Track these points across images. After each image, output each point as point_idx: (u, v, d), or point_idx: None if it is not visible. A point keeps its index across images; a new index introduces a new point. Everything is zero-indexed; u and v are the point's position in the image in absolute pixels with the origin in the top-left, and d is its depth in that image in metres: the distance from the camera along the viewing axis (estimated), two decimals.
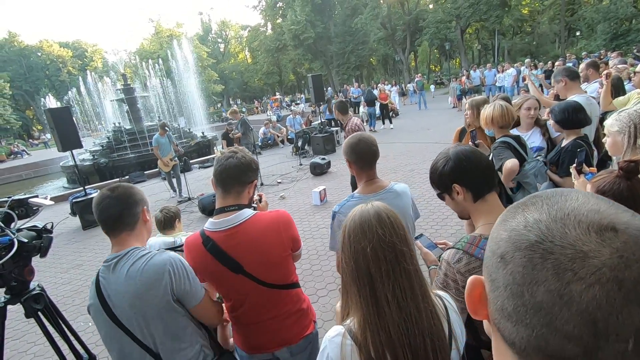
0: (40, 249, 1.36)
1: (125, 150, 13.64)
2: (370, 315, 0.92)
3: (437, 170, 1.34)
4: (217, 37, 55.41)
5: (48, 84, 43.16)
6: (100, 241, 6.16)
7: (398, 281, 0.93)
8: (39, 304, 1.36)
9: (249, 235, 1.49)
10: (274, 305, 1.59)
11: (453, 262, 1.18)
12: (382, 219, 0.98)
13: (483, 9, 28.63)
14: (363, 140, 1.80)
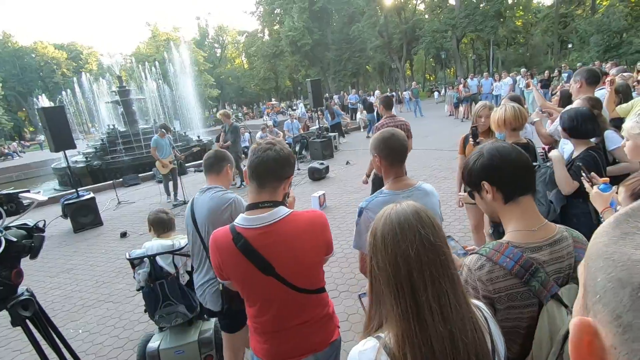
0: (30, 249, 1.23)
1: (119, 152, 13.40)
2: (411, 328, 0.80)
3: (468, 166, 1.25)
4: (214, 42, 55.41)
5: (42, 86, 42.65)
6: (92, 245, 5.97)
7: (443, 288, 0.82)
8: (28, 311, 1.22)
9: (284, 235, 1.37)
10: (302, 311, 1.48)
11: (475, 269, 1.08)
12: (422, 218, 0.87)
13: (478, 19, 29.05)
14: (396, 135, 1.71)
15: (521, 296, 1.03)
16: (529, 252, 1.06)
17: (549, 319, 1.01)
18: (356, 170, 8.64)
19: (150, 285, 2.59)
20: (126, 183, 10.54)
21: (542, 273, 1.03)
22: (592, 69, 3.34)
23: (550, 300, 1.02)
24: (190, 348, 2.68)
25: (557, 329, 1.00)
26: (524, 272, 1.02)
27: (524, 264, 1.03)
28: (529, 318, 1.05)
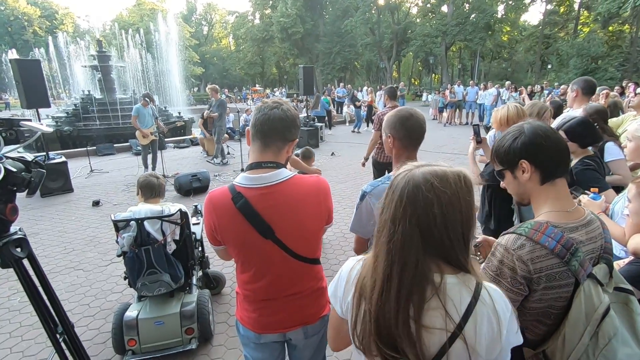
0: (29, 184, 1.10)
1: (93, 120, 12.70)
2: (374, 260, 0.84)
3: (504, 144, 1.22)
4: (202, 18, 53.62)
5: (9, 42, 39.70)
6: (60, 211, 5.63)
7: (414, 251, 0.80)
8: (22, 252, 1.09)
9: (287, 198, 1.30)
10: (298, 280, 1.42)
11: (514, 248, 1.05)
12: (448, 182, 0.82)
13: (469, 29, 29.70)
14: (415, 116, 1.59)
15: (560, 276, 1.02)
16: (568, 232, 1.06)
17: (586, 298, 1.01)
18: (341, 162, 8.64)
19: (135, 251, 2.44)
20: (100, 152, 10.03)
21: (581, 253, 1.03)
22: (588, 79, 3.43)
23: (587, 279, 1.02)
24: (170, 320, 2.57)
25: (593, 308, 1.00)
26: (565, 252, 1.01)
27: (565, 243, 1.02)
28: (564, 298, 1.04)
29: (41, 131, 1.19)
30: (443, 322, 0.77)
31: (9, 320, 3.05)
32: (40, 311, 1.22)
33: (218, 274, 3.39)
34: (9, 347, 2.75)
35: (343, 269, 0.96)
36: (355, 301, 0.87)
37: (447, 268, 0.81)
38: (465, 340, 0.77)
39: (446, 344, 0.77)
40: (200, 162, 9.04)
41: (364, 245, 1.75)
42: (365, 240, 1.72)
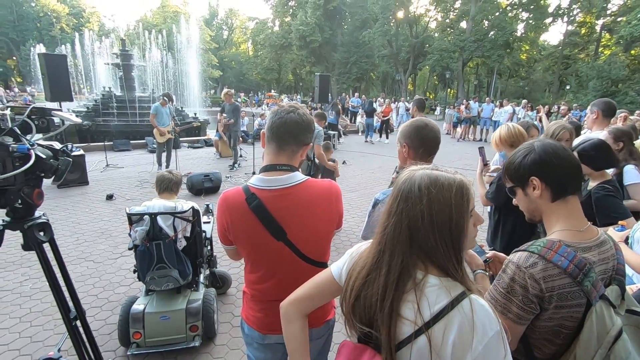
0: (56, 170, 1.14)
1: (112, 116, 13.02)
2: (373, 249, 0.92)
3: (514, 161, 1.22)
4: (223, 23, 54.71)
5: (37, 37, 41.08)
6: (76, 202, 5.75)
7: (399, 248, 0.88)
8: (46, 235, 1.14)
9: (300, 201, 1.32)
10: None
11: (526, 266, 1.04)
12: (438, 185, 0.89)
13: (487, 46, 29.60)
14: (430, 125, 1.63)
15: (571, 296, 1.01)
16: (581, 252, 1.05)
17: (598, 320, 1.00)
18: (352, 171, 8.65)
19: (147, 244, 2.49)
20: (116, 147, 10.24)
21: (594, 273, 1.02)
22: (609, 101, 3.39)
23: (599, 300, 1.01)
24: (176, 315, 2.60)
25: (605, 330, 0.99)
26: (578, 272, 1.00)
27: (578, 263, 1.01)
28: (575, 318, 1.03)
29: (71, 121, 1.25)
30: (413, 316, 0.81)
31: (19, 306, 3.12)
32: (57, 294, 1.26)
33: (225, 273, 3.41)
34: (18, 332, 2.81)
35: (354, 247, 1.05)
36: (349, 275, 0.96)
37: (433, 269, 0.84)
38: (430, 339, 0.79)
39: (412, 335, 0.81)
40: (213, 162, 9.16)
41: None
42: None
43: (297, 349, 1.07)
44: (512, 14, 32.40)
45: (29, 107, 1.14)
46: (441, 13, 36.52)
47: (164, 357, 2.58)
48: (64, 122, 1.22)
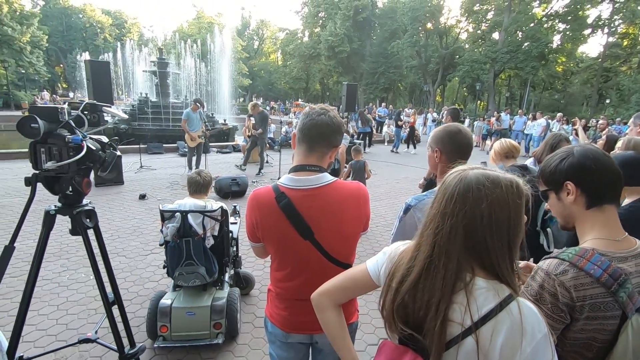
0: (103, 162, 1.23)
1: (147, 121, 13.64)
2: (415, 250, 0.91)
3: (550, 164, 1.19)
4: (254, 33, 56.29)
5: (83, 46, 43.86)
6: (111, 200, 6.05)
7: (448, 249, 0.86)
8: (91, 222, 1.22)
9: (328, 201, 1.34)
10: None
11: (556, 273, 1.01)
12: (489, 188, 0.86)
13: (520, 57, 28.80)
14: (464, 131, 1.59)
15: (605, 307, 0.97)
16: (616, 262, 1.01)
17: (634, 334, 0.95)
18: (378, 180, 8.59)
19: (177, 241, 2.58)
20: (150, 150, 10.69)
21: (630, 284, 0.98)
22: None
23: (636, 313, 0.97)
24: (201, 312, 2.66)
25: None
26: (612, 282, 0.96)
27: (613, 273, 0.97)
28: (609, 331, 0.99)
29: (119, 117, 1.34)
30: (460, 317, 0.80)
31: (57, 294, 3.30)
32: (98, 277, 1.34)
33: (249, 274, 3.47)
34: (56, 319, 2.97)
35: (391, 246, 1.04)
36: (389, 276, 0.94)
37: (480, 271, 0.84)
38: (478, 340, 0.78)
39: (459, 336, 0.80)
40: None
41: None
42: None
43: (338, 335, 1.07)
44: (547, 25, 31.38)
45: (83, 102, 1.24)
46: (473, 24, 35.97)
47: (188, 352, 2.65)
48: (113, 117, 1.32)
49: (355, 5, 35.86)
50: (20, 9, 31.21)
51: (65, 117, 1.15)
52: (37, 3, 43.95)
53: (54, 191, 1.23)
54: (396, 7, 37.63)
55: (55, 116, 1.13)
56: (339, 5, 36.59)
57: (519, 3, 29.98)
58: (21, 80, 32.13)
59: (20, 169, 8.00)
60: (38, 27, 33.29)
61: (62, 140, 1.11)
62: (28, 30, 30.62)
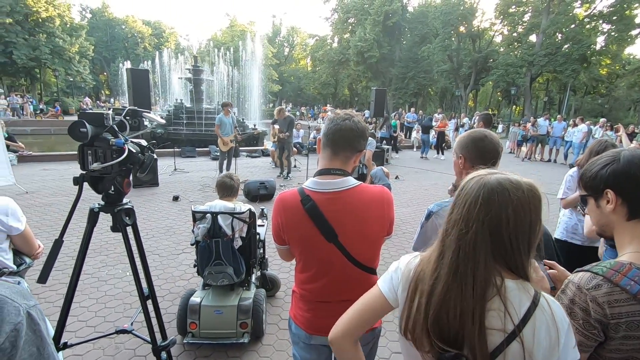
0: (142, 164, 1.32)
1: (181, 125, 14.23)
2: (437, 260, 0.88)
3: (592, 168, 1.14)
4: (284, 40, 57.35)
5: (124, 55, 46.58)
6: (146, 201, 6.35)
7: (473, 258, 0.83)
8: (130, 219, 1.31)
9: (352, 205, 1.36)
10: (354, 287, 1.44)
11: (588, 288, 0.96)
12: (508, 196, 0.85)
13: (560, 60, 27.46)
14: (490, 137, 1.56)
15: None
16: None
17: None
18: (405, 186, 8.48)
19: (207, 241, 2.68)
20: (184, 154, 11.14)
21: None
22: None
23: None
24: (228, 311, 2.74)
25: None
26: None
27: None
28: None
29: (157, 121, 1.44)
30: (501, 323, 0.79)
31: (97, 289, 3.51)
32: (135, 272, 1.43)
33: (274, 276, 3.53)
34: (94, 312, 3.15)
35: (401, 262, 1.00)
36: (410, 293, 0.90)
37: (506, 273, 0.84)
38: (523, 343, 0.78)
39: (503, 343, 0.79)
40: (268, 171, 9.55)
41: None
42: None
43: None
44: (590, 26, 29.76)
45: (125, 109, 1.35)
46: (508, 26, 34.72)
47: (215, 350, 2.73)
48: (152, 123, 1.41)
49: (386, 11, 35.70)
50: (70, 21, 33.67)
51: (110, 122, 1.25)
52: (85, 16, 47.23)
53: (97, 190, 1.34)
54: (427, 11, 37.07)
55: (101, 121, 1.24)
56: (368, 11, 36.57)
57: (558, 4, 28.64)
58: (69, 88, 34.58)
59: (66, 170, 8.58)
60: (85, 38, 35.75)
61: (107, 143, 1.20)
62: (77, 41, 32.94)
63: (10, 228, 1.43)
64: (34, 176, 7.90)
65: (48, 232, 4.71)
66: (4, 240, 1.46)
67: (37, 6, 27.60)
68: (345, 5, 40.88)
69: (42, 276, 1.33)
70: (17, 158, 8.93)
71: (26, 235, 1.52)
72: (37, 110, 24.54)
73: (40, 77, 30.99)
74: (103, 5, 48.40)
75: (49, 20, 29.06)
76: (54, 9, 29.33)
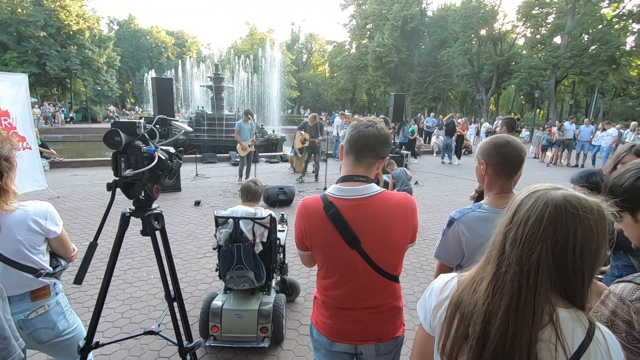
0: (171, 170, 1.38)
1: (203, 132, 14.59)
2: (475, 279, 0.84)
3: (622, 181, 1.10)
4: (303, 47, 57.98)
5: (148, 64, 48.28)
6: (169, 206, 6.52)
7: (520, 280, 0.77)
8: (159, 224, 1.37)
9: (375, 211, 1.36)
10: (377, 294, 1.44)
11: (631, 299, 0.93)
12: (564, 216, 0.77)
13: (586, 62, 26.55)
14: (513, 143, 1.52)
15: None
16: None
17: None
18: (424, 192, 8.36)
19: (229, 245, 2.73)
20: (205, 160, 11.39)
21: None
22: None
23: None
24: (249, 315, 2.77)
25: None
26: None
27: None
28: None
29: (185, 129, 1.49)
30: (551, 357, 0.73)
31: (123, 290, 3.62)
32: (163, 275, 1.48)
33: (294, 282, 3.55)
34: (120, 313, 3.26)
35: (435, 284, 0.95)
36: (448, 317, 0.85)
37: (558, 300, 0.77)
38: None
39: None
40: (287, 177, 9.64)
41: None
42: (449, 268, 1.68)
43: None
44: (619, 26, 28.68)
45: (156, 117, 1.41)
46: (531, 28, 33.93)
47: (236, 353, 2.76)
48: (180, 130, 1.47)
49: (404, 16, 35.57)
50: (99, 33, 35.26)
51: (142, 131, 1.32)
52: (112, 27, 49.30)
53: (129, 195, 1.40)
54: (446, 15, 36.69)
55: (133, 129, 1.31)
56: (387, 16, 36.53)
57: (584, 4, 27.76)
58: (97, 97, 36.08)
59: (94, 176, 8.93)
60: (113, 49, 37.30)
61: (139, 150, 1.26)
62: (105, 52, 34.42)
63: (48, 231, 1.51)
64: (64, 181, 8.26)
65: (78, 235, 4.91)
66: (42, 243, 1.54)
67: (69, 20, 29.06)
68: (363, 12, 40.99)
69: (78, 278, 1.40)
70: (49, 164, 9.37)
71: (62, 239, 1.60)
72: (68, 118, 25.73)
73: (71, 86, 32.51)
74: (129, 17, 50.45)
75: (80, 32, 30.53)
76: (84, 21, 30.80)
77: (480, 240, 1.50)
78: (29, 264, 1.48)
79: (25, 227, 1.44)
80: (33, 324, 1.55)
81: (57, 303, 1.62)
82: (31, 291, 1.54)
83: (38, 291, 1.55)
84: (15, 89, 6.13)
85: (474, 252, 1.54)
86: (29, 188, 6.37)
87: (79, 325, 1.75)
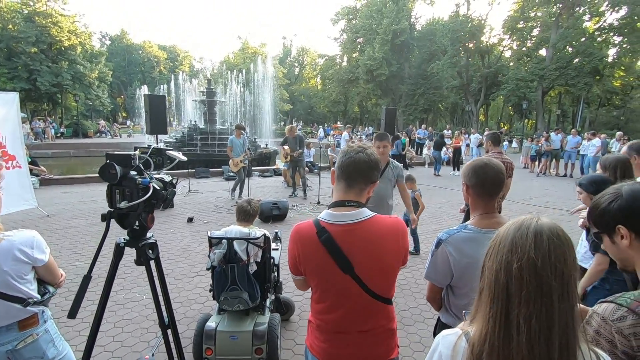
0: (165, 199, 1.40)
1: (195, 146, 14.57)
2: (495, 331, 0.80)
3: (599, 206, 1.15)
4: (295, 60, 58.71)
5: (141, 79, 48.40)
6: (161, 223, 6.46)
7: (536, 314, 0.77)
8: (153, 253, 1.37)
9: (367, 236, 1.39)
10: (370, 318, 1.46)
11: (612, 319, 0.97)
12: (539, 241, 0.80)
13: (571, 74, 27.27)
14: (491, 165, 1.60)
15: None
16: None
17: None
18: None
19: (223, 266, 2.73)
20: (197, 175, 11.35)
21: None
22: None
23: None
24: (244, 336, 2.75)
25: None
26: None
27: None
28: None
29: (179, 159, 1.52)
30: None
31: (114, 312, 3.57)
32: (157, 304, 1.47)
33: (289, 300, 3.53)
34: (112, 336, 3.20)
35: (442, 348, 0.91)
36: None
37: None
38: None
39: None
40: (280, 191, 9.64)
41: (438, 293, 1.75)
42: (439, 289, 1.72)
43: None
44: (601, 39, 29.63)
45: (150, 148, 1.44)
46: (517, 42, 34.85)
47: None
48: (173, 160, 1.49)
49: (394, 30, 36.33)
50: (90, 49, 35.26)
51: (137, 162, 1.34)
52: (104, 42, 49.43)
53: (123, 226, 1.41)
54: (435, 29, 37.58)
55: (128, 162, 1.33)
56: (377, 31, 37.27)
57: (567, 18, 28.70)
58: (88, 111, 35.86)
59: (85, 193, 8.83)
60: (104, 64, 37.30)
61: (134, 182, 1.28)
62: (96, 67, 34.38)
63: (35, 260, 1.50)
64: (55, 199, 8.16)
65: (68, 255, 4.84)
66: (29, 272, 1.53)
67: (60, 35, 29.05)
68: (353, 26, 41.80)
69: (71, 312, 1.39)
70: (39, 181, 9.26)
71: (50, 266, 1.59)
72: (58, 133, 25.51)
73: (62, 101, 32.32)
74: (122, 32, 50.70)
75: (71, 48, 30.52)
76: (76, 37, 30.82)
77: (467, 260, 1.55)
78: (17, 294, 1.47)
79: (11, 258, 1.43)
80: (22, 354, 1.53)
81: (45, 331, 1.60)
82: (19, 321, 1.52)
83: (26, 320, 1.54)
84: (6, 108, 6.10)
85: (462, 272, 1.59)
86: (18, 207, 6.28)
87: (68, 352, 1.73)
